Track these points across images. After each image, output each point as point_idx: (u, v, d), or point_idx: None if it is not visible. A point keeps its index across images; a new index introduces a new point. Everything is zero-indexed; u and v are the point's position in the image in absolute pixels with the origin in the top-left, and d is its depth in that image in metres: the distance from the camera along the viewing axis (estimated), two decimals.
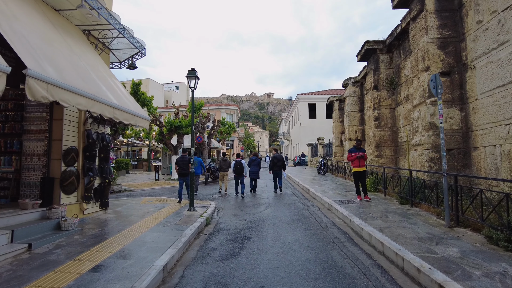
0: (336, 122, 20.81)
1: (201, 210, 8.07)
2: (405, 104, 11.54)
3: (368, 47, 12.73)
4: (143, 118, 6.18)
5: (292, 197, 10.65)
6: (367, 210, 7.34)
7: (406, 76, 11.45)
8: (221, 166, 12.27)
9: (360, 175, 8.54)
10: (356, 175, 8.55)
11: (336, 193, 10.26)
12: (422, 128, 8.23)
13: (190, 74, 8.04)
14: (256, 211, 8.24)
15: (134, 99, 6.67)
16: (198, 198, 10.79)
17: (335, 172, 18.53)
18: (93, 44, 6.65)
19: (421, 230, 5.37)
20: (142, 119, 6.13)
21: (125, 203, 9.11)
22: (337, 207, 7.79)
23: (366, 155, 8.48)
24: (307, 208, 8.52)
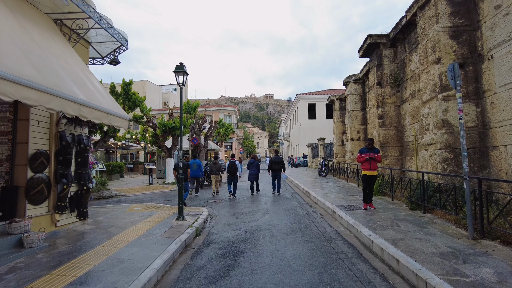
0: (337, 121, 20.09)
1: (192, 218, 7.34)
2: (411, 101, 10.83)
3: (371, 41, 12.02)
4: (119, 116, 5.44)
5: (291, 202, 9.90)
6: (375, 217, 6.60)
7: (412, 72, 10.75)
8: (211, 168, 12.26)
9: (370, 180, 7.44)
10: (366, 179, 7.50)
11: (339, 198, 9.52)
12: (433, 126, 7.50)
13: (178, 69, 7.32)
14: (252, 219, 7.50)
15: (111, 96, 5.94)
16: (191, 204, 10.05)
17: (336, 174, 17.79)
18: (66, 35, 5.95)
19: (441, 243, 4.64)
20: (118, 117, 5.40)
21: (110, 211, 8.37)
22: (342, 214, 7.05)
23: (379, 156, 7.31)
24: (308, 215, 7.78)
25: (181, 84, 7.38)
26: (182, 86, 7.40)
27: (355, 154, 16.04)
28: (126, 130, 14.21)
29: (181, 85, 7.38)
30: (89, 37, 6.69)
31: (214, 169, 12.22)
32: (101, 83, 13.58)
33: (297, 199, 10.67)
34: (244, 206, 9.41)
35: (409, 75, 11.02)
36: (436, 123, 7.34)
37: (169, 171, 16.72)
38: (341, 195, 10.11)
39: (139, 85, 44.62)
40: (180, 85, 7.38)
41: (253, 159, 12.35)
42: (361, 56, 13.43)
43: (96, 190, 12.22)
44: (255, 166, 12.01)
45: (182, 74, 7.35)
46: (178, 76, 7.38)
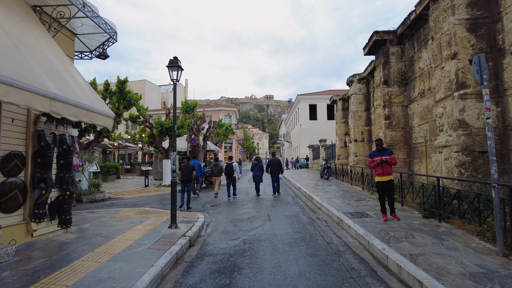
0: (340, 122, 19.51)
1: (186, 226, 6.75)
2: (420, 100, 10.25)
3: (377, 38, 11.45)
4: (102, 114, 4.86)
5: (293, 207, 9.31)
6: (387, 226, 6.01)
7: (421, 70, 10.17)
8: (212, 171, 12.43)
9: (386, 187, 6.51)
10: (380, 186, 6.69)
11: (344, 203, 8.93)
12: (448, 126, 6.92)
13: (172, 63, 6.74)
14: (251, 227, 6.91)
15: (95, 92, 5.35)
16: (184, 210, 9.46)
17: (339, 176, 17.20)
18: (46, 24, 5.38)
19: (468, 260, 4.05)
20: (100, 115, 4.81)
21: (98, 216, 7.78)
22: (349, 222, 6.46)
23: (393, 158, 6.41)
24: (312, 223, 7.19)
25: (175, 80, 6.81)
26: (176, 82, 6.83)
27: (359, 156, 15.46)
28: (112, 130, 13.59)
29: (175, 81, 6.80)
30: (74, 27, 6.12)
31: (216, 171, 12.33)
32: (95, 82, 13.07)
33: (299, 203, 10.08)
34: (243, 211, 8.82)
35: (417, 73, 10.44)
36: (452, 123, 6.76)
37: (166, 173, 16.14)
38: (346, 200, 9.52)
39: (138, 85, 44.06)
40: (174, 81, 6.80)
41: (257, 161, 12.55)
42: (366, 54, 12.85)
43: (88, 192, 11.64)
44: (259, 168, 12.28)
45: (176, 69, 6.78)
46: (172, 71, 6.81)
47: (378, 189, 6.75)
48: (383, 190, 6.62)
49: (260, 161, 12.67)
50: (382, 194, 6.67)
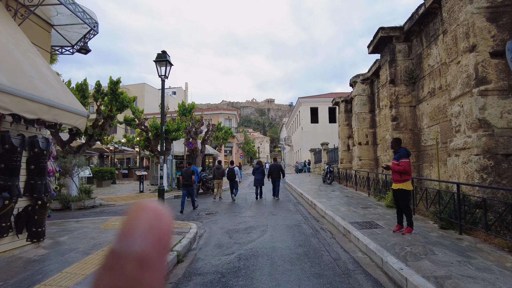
0: (342, 125, 18.85)
1: (176, 238, 6.06)
2: (430, 100, 9.58)
3: (383, 34, 10.81)
4: (68, 110, 4.19)
5: (295, 216, 8.61)
6: (401, 239, 5.31)
7: (430, 67, 9.52)
8: (214, 174, 12.58)
9: (394, 196, 5.87)
10: (393, 194, 6.08)
11: (350, 211, 8.22)
12: (466, 127, 6.24)
13: (160, 58, 6.11)
14: (248, 239, 6.21)
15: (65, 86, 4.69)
16: (179, 218, 8.77)
17: (343, 181, 16.48)
18: (12, 10, 4.76)
19: (508, 286, 3.34)
20: (67, 113, 4.15)
21: (81, 227, 7.10)
22: (357, 234, 5.75)
23: (403, 163, 5.54)
24: (316, 234, 6.48)
25: (163, 76, 6.17)
26: (164, 79, 6.18)
27: (364, 160, 14.76)
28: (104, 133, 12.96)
29: (163, 77, 6.16)
30: (50, 17, 5.50)
31: (217, 174, 12.48)
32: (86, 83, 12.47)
33: (301, 211, 9.37)
34: (240, 220, 8.12)
35: (427, 71, 9.79)
36: (471, 123, 6.08)
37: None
38: (352, 207, 8.81)
39: (137, 88, 43.57)
40: (162, 77, 6.16)
41: (258, 165, 12.73)
42: (371, 52, 12.21)
43: (77, 199, 10.97)
44: (260, 172, 12.41)
45: (164, 64, 6.14)
46: (160, 66, 6.17)
47: (393, 197, 6.05)
48: (395, 199, 5.92)
49: (262, 165, 12.92)
50: (395, 203, 5.95)
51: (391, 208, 8.41)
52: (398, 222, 5.90)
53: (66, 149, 12.03)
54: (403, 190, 5.70)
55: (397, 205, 5.93)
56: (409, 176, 5.69)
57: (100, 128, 12.73)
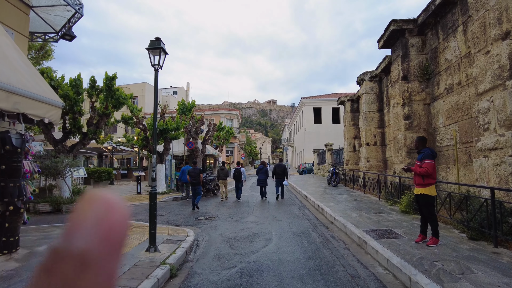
0: (348, 125, 18.14)
1: (169, 248, 5.39)
2: (446, 97, 8.89)
3: (395, 27, 10.12)
4: (34, 99, 3.49)
5: (302, 221, 7.92)
6: (428, 252, 4.61)
7: (447, 61, 8.83)
8: (219, 174, 12.74)
9: (418, 201, 5.17)
10: (416, 200, 5.45)
11: (362, 216, 7.52)
12: (498, 124, 5.53)
13: (153, 45, 5.45)
14: (251, 249, 5.53)
15: (37, 72, 4.03)
16: (176, 222, 8.10)
17: (349, 183, 15.77)
18: None
19: None
20: (32, 101, 3.45)
21: None
22: (375, 245, 5.06)
23: (426, 164, 4.91)
24: (327, 244, 5.79)
25: (157, 65, 5.50)
26: (158, 69, 5.52)
27: (372, 161, 14.05)
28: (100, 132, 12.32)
29: (156, 66, 5.49)
30: None
31: (222, 175, 12.66)
32: (80, 78, 11.83)
33: (308, 216, 8.68)
34: (242, 226, 7.43)
35: (443, 66, 9.09)
36: (504, 120, 5.37)
37: (159, 179, 14.80)
38: (364, 212, 8.11)
39: (138, 87, 43.01)
40: (156, 66, 5.50)
41: (262, 165, 12.84)
42: (381, 47, 11.52)
43: (69, 201, 10.32)
44: (264, 172, 12.48)
45: (158, 52, 5.48)
46: (153, 55, 5.51)
47: (416, 203, 5.36)
48: (419, 205, 5.22)
49: (266, 165, 13.04)
50: (419, 210, 5.26)
51: (406, 213, 7.71)
52: (421, 231, 5.20)
53: (59, 148, 11.39)
54: (426, 196, 4.99)
55: (420, 212, 5.23)
56: (433, 179, 4.99)
57: (95, 126, 12.08)
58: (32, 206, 9.85)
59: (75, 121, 11.47)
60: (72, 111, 11.28)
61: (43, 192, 10.67)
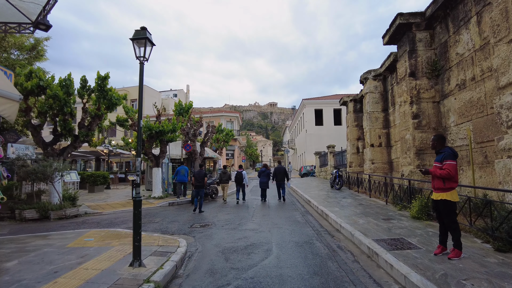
0: (351, 126, 17.55)
1: (157, 262, 4.80)
2: (458, 94, 8.32)
3: (401, 21, 9.57)
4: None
5: (305, 229, 7.31)
6: (450, 267, 4.00)
7: (459, 56, 8.26)
8: (221, 178, 12.76)
9: (438, 208, 4.55)
10: (433, 206, 4.86)
11: (370, 223, 6.92)
12: None
13: (138, 35, 4.89)
14: (249, 262, 4.93)
15: None
16: (169, 230, 7.49)
17: (353, 186, 15.15)
18: None
19: None
20: None
21: (45, 244, 5.85)
22: (389, 258, 4.45)
23: (450, 165, 4.26)
24: (334, 255, 5.18)
25: (142, 58, 4.94)
26: (143, 61, 4.96)
27: (377, 163, 13.46)
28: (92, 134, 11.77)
29: (142, 59, 4.93)
30: None
31: (224, 178, 12.69)
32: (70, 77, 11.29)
33: (311, 222, 8.07)
34: (239, 235, 6.83)
35: (454, 61, 8.53)
36: None
37: (155, 183, 14.22)
38: (371, 218, 7.51)
39: (137, 90, 42.51)
40: (141, 59, 4.94)
41: (264, 167, 13.03)
42: (386, 43, 10.96)
43: (58, 208, 9.75)
44: (266, 174, 12.69)
45: (143, 43, 4.92)
46: (138, 46, 4.95)
47: (434, 209, 4.75)
48: (438, 212, 4.61)
49: (268, 168, 13.15)
50: (438, 217, 4.65)
51: (418, 220, 7.10)
52: (441, 242, 4.59)
53: (48, 152, 10.85)
54: (448, 202, 4.38)
55: (440, 220, 4.63)
56: (455, 183, 4.38)
57: (86, 128, 11.53)
58: (18, 213, 9.28)
59: (65, 123, 10.92)
60: (62, 113, 10.74)
61: (30, 198, 10.10)
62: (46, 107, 10.43)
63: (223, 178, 12.69)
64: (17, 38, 13.32)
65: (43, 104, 10.45)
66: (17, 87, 9.97)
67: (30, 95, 10.37)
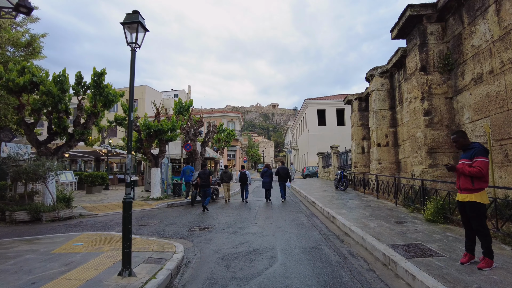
0: (356, 125, 17.05)
1: (150, 269, 4.32)
2: (474, 89, 7.81)
3: (412, 13, 9.07)
4: None
5: (311, 232, 6.81)
6: (483, 279, 3.50)
7: (475, 48, 7.76)
8: (222, 177, 12.86)
9: (463, 211, 4.07)
10: (458, 208, 4.26)
11: (382, 226, 6.42)
12: None
13: (130, 20, 4.42)
14: (252, 271, 4.44)
15: None
16: (166, 234, 7.01)
17: (359, 187, 14.64)
18: None
19: None
20: None
21: (28, 250, 5.38)
22: (409, 267, 3.95)
23: (481, 162, 3.76)
24: (346, 263, 4.68)
25: (134, 44, 4.47)
26: (135, 49, 4.49)
27: (384, 163, 12.94)
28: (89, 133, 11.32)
29: (133, 45, 4.46)
30: None
31: (225, 178, 12.78)
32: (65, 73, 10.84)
33: (318, 225, 7.57)
34: (241, 239, 6.34)
35: (469, 54, 8.03)
36: None
37: (154, 184, 13.75)
38: (383, 221, 7.00)
39: (138, 90, 42.16)
40: (133, 45, 4.47)
41: (267, 167, 13.10)
42: (394, 37, 10.45)
43: (50, 209, 9.30)
44: (268, 174, 12.70)
45: (135, 28, 4.45)
46: (130, 32, 4.49)
47: (459, 212, 4.23)
48: (464, 216, 4.10)
49: (270, 168, 13.17)
50: (464, 222, 4.15)
51: (434, 223, 6.59)
52: (467, 249, 4.09)
53: (41, 151, 10.39)
54: (476, 204, 3.87)
55: (466, 225, 4.12)
56: (485, 183, 3.88)
57: (82, 126, 11.08)
58: (8, 215, 8.83)
59: (60, 121, 10.47)
60: (56, 110, 10.30)
61: (22, 199, 9.65)
62: (39, 104, 10.00)
63: (224, 177, 12.82)
64: (11, 33, 12.89)
65: (36, 101, 10.01)
66: (9, 83, 9.55)
67: (23, 91, 9.93)
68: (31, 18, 14.05)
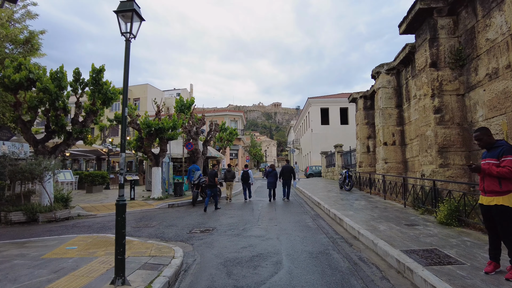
0: (361, 124, 16.66)
1: (146, 276, 4.00)
2: (488, 85, 7.43)
3: (422, 6, 8.69)
4: None
5: (317, 235, 6.47)
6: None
7: (490, 42, 7.37)
8: (225, 176, 12.89)
9: (487, 215, 3.73)
10: (482, 213, 3.90)
11: (393, 230, 6.06)
12: None
13: (124, 8, 4.10)
14: (256, 278, 4.11)
15: None
16: (165, 236, 6.69)
17: (364, 187, 14.27)
18: None
19: None
20: None
21: (18, 255, 5.08)
22: (427, 276, 3.61)
23: (510, 160, 3.38)
24: (357, 270, 4.34)
25: (129, 34, 4.14)
26: (130, 38, 4.16)
27: (390, 163, 12.56)
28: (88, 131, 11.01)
29: (128, 35, 4.14)
30: None
31: (229, 176, 12.82)
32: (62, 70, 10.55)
33: (324, 228, 7.23)
34: (244, 243, 6.01)
35: (483, 48, 7.64)
36: None
37: (155, 183, 13.46)
38: (393, 224, 6.65)
39: (140, 89, 41.97)
40: (127, 35, 4.14)
41: (271, 168, 13.16)
42: (403, 32, 10.06)
43: (47, 209, 9.02)
44: (273, 175, 12.81)
45: (130, 17, 4.12)
46: (124, 21, 4.17)
47: (483, 216, 3.88)
48: (488, 220, 3.75)
49: (274, 168, 13.21)
50: (488, 227, 3.79)
51: (448, 226, 6.23)
52: (492, 257, 3.73)
53: (39, 149, 10.12)
54: (505, 208, 3.50)
55: (490, 230, 3.76)
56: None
57: (80, 124, 10.80)
58: (4, 216, 8.56)
59: (57, 118, 10.19)
60: (53, 108, 10.02)
61: (18, 199, 9.38)
62: (36, 102, 9.72)
63: (228, 176, 12.82)
64: (9, 30, 12.63)
65: (33, 98, 9.73)
66: (5, 80, 9.28)
67: (20, 88, 9.67)
68: (30, 15, 13.81)
